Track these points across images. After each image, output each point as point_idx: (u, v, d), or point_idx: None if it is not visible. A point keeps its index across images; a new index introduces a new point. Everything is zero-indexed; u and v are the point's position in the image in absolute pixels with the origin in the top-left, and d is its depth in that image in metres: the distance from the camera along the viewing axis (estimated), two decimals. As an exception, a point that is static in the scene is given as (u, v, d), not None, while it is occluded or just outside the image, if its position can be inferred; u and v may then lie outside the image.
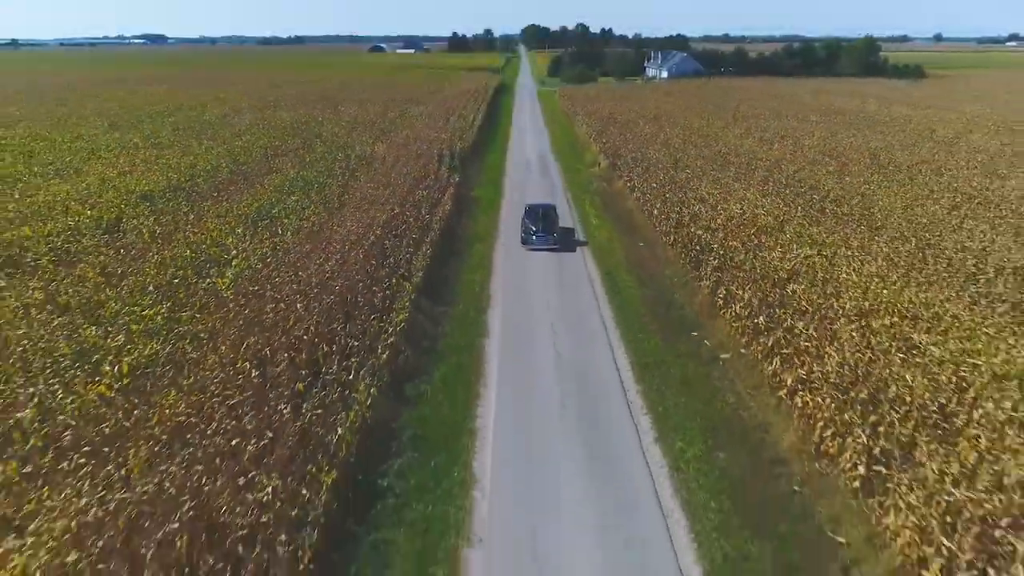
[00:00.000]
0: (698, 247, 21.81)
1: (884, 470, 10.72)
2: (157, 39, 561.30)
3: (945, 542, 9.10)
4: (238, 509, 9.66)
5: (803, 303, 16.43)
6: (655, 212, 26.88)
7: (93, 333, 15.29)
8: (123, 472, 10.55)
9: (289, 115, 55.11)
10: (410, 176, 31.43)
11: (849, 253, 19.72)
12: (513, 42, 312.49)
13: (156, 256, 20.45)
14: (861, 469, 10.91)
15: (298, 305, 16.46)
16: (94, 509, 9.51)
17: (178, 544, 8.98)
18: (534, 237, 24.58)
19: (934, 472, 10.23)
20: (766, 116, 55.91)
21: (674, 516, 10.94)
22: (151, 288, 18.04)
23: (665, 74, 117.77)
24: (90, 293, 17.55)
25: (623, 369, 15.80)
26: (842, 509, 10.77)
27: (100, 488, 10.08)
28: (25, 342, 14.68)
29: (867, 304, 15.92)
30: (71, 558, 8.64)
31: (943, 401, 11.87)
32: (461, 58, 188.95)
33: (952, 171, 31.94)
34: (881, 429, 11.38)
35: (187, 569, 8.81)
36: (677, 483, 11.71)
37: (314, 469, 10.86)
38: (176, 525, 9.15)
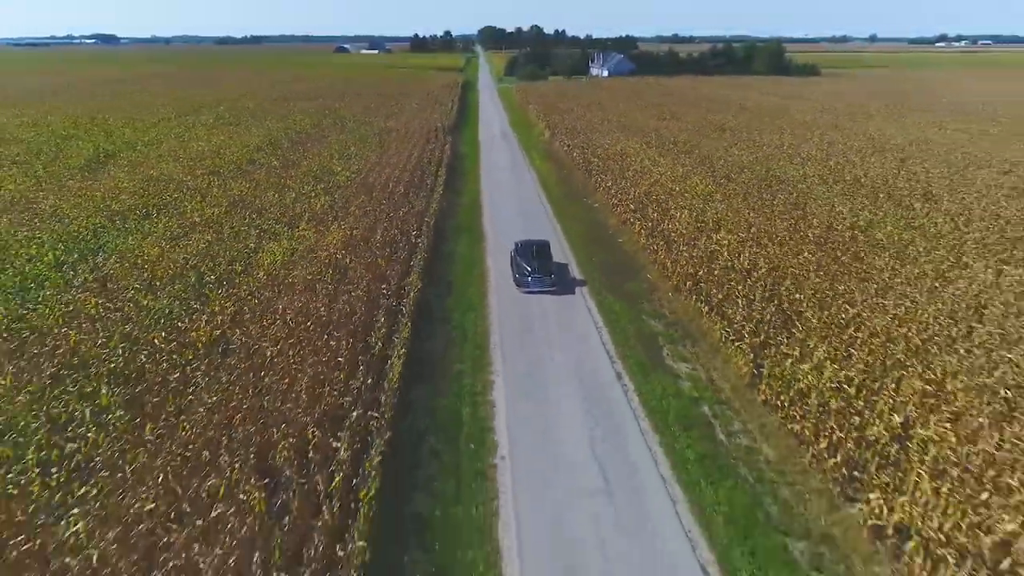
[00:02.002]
0: (591, 167, 40.01)
1: (636, 220, 28.93)
2: (108, 39, 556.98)
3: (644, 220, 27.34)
4: (402, 223, 27.16)
5: (631, 182, 34.81)
6: (574, 155, 45.01)
7: (292, 195, 32.40)
8: (350, 221, 27.87)
9: (309, 105, 71.53)
10: (420, 138, 48.94)
11: (662, 163, 38.33)
12: (471, 43, 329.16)
13: (296, 171, 37.47)
14: (629, 217, 29.16)
15: (390, 183, 33.95)
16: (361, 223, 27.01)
17: (382, 228, 26.39)
18: (529, 279, 22.32)
19: (651, 216, 28.54)
20: (669, 104, 75.12)
21: (563, 241, 28.79)
22: (304, 181, 35.13)
23: (606, 73, 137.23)
24: (275, 181, 34.60)
25: (549, 212, 33.70)
26: (626, 236, 28.93)
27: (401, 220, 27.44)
28: (265, 191, 31.75)
29: (656, 179, 34.45)
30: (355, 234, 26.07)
31: (665, 198, 30.33)
32: (425, 58, 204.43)
33: (760, 131, 51.30)
34: (639, 207, 29.72)
35: (390, 240, 26.17)
36: (564, 232, 29.68)
37: (425, 219, 28.46)
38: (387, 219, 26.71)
